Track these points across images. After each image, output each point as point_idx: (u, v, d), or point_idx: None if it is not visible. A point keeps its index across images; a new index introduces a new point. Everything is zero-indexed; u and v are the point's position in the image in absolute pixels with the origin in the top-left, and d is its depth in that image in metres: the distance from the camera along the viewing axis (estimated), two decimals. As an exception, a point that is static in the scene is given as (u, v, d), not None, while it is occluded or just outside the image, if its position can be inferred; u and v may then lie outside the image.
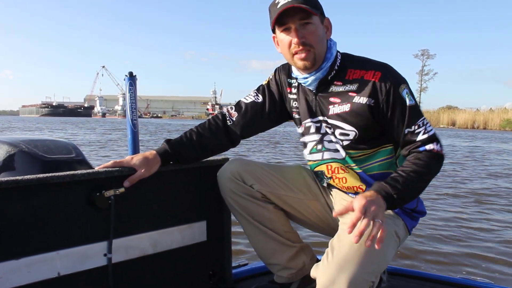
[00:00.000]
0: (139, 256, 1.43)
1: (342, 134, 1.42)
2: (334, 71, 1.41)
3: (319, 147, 1.49)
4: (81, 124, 35.57)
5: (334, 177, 1.48)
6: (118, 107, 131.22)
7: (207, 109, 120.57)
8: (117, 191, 1.33)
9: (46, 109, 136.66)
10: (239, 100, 1.63)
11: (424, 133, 1.33)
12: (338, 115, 1.41)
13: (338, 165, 1.45)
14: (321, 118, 1.46)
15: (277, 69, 1.62)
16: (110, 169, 1.34)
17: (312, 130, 1.49)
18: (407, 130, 1.34)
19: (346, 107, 1.39)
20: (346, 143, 1.42)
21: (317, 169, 1.52)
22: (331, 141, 1.45)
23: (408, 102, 1.34)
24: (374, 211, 1.13)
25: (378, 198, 1.19)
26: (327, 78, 1.42)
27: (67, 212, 1.26)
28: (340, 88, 1.41)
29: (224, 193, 1.56)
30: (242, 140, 1.64)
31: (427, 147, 1.32)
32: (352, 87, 1.38)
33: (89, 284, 1.31)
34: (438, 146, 1.33)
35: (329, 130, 1.45)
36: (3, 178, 1.14)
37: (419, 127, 1.33)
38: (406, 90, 1.35)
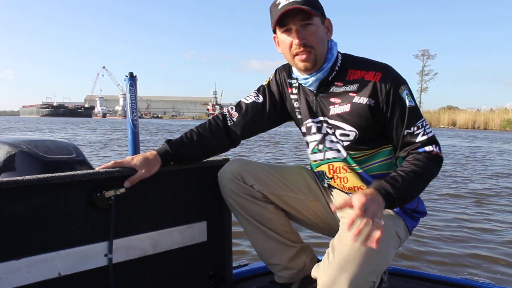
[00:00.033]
0: (140, 256, 1.43)
1: (342, 135, 1.42)
2: (335, 72, 1.41)
3: (321, 147, 1.49)
4: (81, 125, 35.58)
5: (336, 177, 1.48)
6: (118, 108, 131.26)
7: (208, 109, 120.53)
8: (117, 192, 1.33)
9: (47, 109, 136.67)
10: (240, 101, 1.63)
11: (423, 134, 1.33)
12: (339, 116, 1.41)
13: (340, 164, 1.45)
14: (321, 118, 1.46)
15: (277, 69, 1.62)
16: (111, 169, 1.34)
17: (313, 130, 1.49)
18: (407, 131, 1.33)
19: (346, 107, 1.39)
20: (346, 143, 1.42)
21: (318, 169, 1.52)
22: (332, 141, 1.45)
23: (408, 103, 1.34)
24: (373, 210, 1.12)
25: (378, 197, 1.18)
26: (327, 78, 1.42)
27: (67, 212, 1.26)
28: (341, 89, 1.41)
29: (225, 193, 1.57)
30: (242, 140, 1.64)
31: (427, 149, 1.31)
32: (352, 88, 1.38)
33: (89, 284, 1.31)
34: (437, 148, 1.32)
35: (330, 131, 1.45)
36: (3, 178, 1.14)
37: (418, 128, 1.33)
38: (406, 91, 1.35)
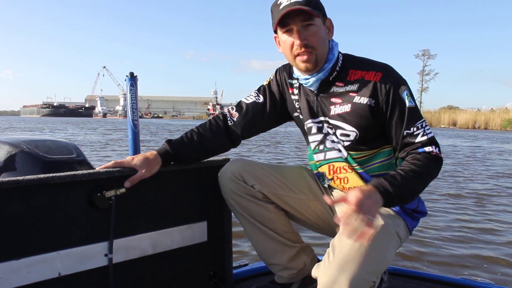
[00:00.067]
0: (140, 257, 1.43)
1: (343, 135, 1.41)
2: (336, 72, 1.41)
3: (321, 147, 1.48)
4: (82, 124, 35.60)
5: (336, 177, 1.47)
6: (119, 108, 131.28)
7: (208, 109, 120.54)
8: (117, 192, 1.33)
9: (47, 109, 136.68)
10: (240, 101, 1.63)
11: (423, 135, 1.32)
12: (339, 116, 1.41)
13: (340, 164, 1.45)
14: (322, 118, 1.46)
15: (278, 69, 1.61)
16: (111, 169, 1.34)
17: (313, 131, 1.49)
18: (406, 132, 1.33)
19: (347, 107, 1.39)
20: (347, 143, 1.42)
21: (319, 170, 1.52)
22: (333, 141, 1.45)
23: (408, 104, 1.33)
24: (369, 206, 1.11)
25: (375, 194, 1.17)
26: (328, 78, 1.42)
27: (67, 212, 1.26)
28: (341, 89, 1.41)
29: (225, 193, 1.56)
30: (243, 140, 1.64)
31: (426, 149, 1.31)
32: (353, 88, 1.38)
33: (89, 284, 1.31)
34: (437, 149, 1.31)
35: (330, 131, 1.45)
36: (3, 178, 1.14)
37: (418, 129, 1.32)
38: (406, 92, 1.35)
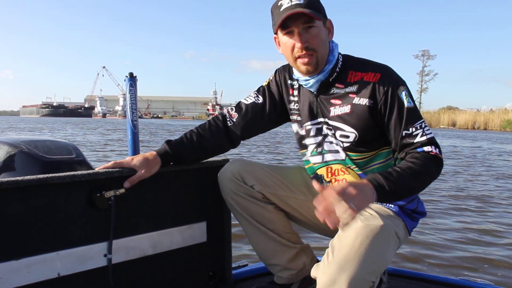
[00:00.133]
0: (139, 257, 1.43)
1: (342, 136, 1.41)
2: (336, 73, 1.41)
3: (319, 149, 1.48)
4: (81, 125, 35.59)
5: (334, 180, 1.47)
6: (118, 108, 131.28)
7: (208, 109, 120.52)
8: (117, 192, 1.33)
9: (47, 109, 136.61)
10: (240, 101, 1.63)
11: (422, 135, 1.31)
12: (339, 117, 1.41)
13: (339, 166, 1.45)
14: (321, 119, 1.46)
15: (277, 70, 1.61)
16: (110, 169, 1.34)
17: (312, 133, 1.49)
18: (405, 132, 1.32)
19: (346, 109, 1.39)
20: (346, 145, 1.41)
21: (316, 172, 1.51)
22: (331, 142, 1.45)
23: (407, 104, 1.33)
24: (353, 195, 1.05)
25: (367, 187, 1.14)
26: (328, 80, 1.42)
27: (67, 212, 1.26)
28: (341, 90, 1.40)
29: (225, 193, 1.57)
30: (242, 141, 1.64)
31: (425, 149, 1.29)
32: (352, 89, 1.38)
33: (89, 284, 1.31)
34: (437, 150, 1.30)
35: (329, 132, 1.44)
36: (3, 178, 1.14)
37: (416, 129, 1.32)
38: (405, 92, 1.34)
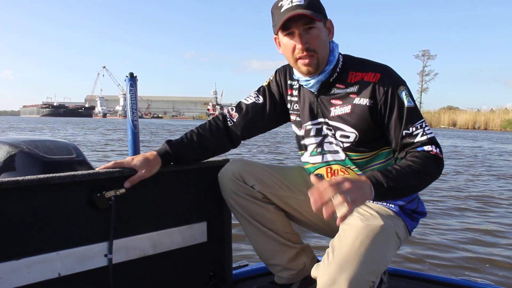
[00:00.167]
0: (140, 257, 1.43)
1: (342, 136, 1.41)
2: (336, 74, 1.41)
3: (319, 149, 1.48)
4: (82, 125, 35.61)
5: (334, 180, 1.47)
6: (119, 108, 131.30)
7: (208, 109, 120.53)
8: (117, 192, 1.33)
9: (47, 109, 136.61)
10: (240, 101, 1.63)
11: (422, 135, 1.31)
12: (339, 117, 1.40)
13: (338, 166, 1.45)
14: (322, 120, 1.46)
15: (277, 70, 1.61)
16: (111, 169, 1.34)
17: (312, 133, 1.49)
18: (405, 132, 1.32)
19: (347, 109, 1.39)
20: (346, 145, 1.41)
21: (316, 172, 1.51)
22: (331, 143, 1.45)
23: (407, 104, 1.33)
24: (348, 189, 1.06)
25: (364, 183, 1.14)
26: (329, 80, 1.42)
27: (67, 212, 1.26)
28: (342, 91, 1.40)
29: (225, 193, 1.57)
30: (242, 141, 1.64)
31: (425, 148, 1.29)
32: (353, 89, 1.38)
33: (89, 284, 1.31)
34: (437, 149, 1.30)
35: (329, 132, 1.44)
36: (3, 178, 1.14)
37: (417, 129, 1.31)
38: (405, 92, 1.34)
